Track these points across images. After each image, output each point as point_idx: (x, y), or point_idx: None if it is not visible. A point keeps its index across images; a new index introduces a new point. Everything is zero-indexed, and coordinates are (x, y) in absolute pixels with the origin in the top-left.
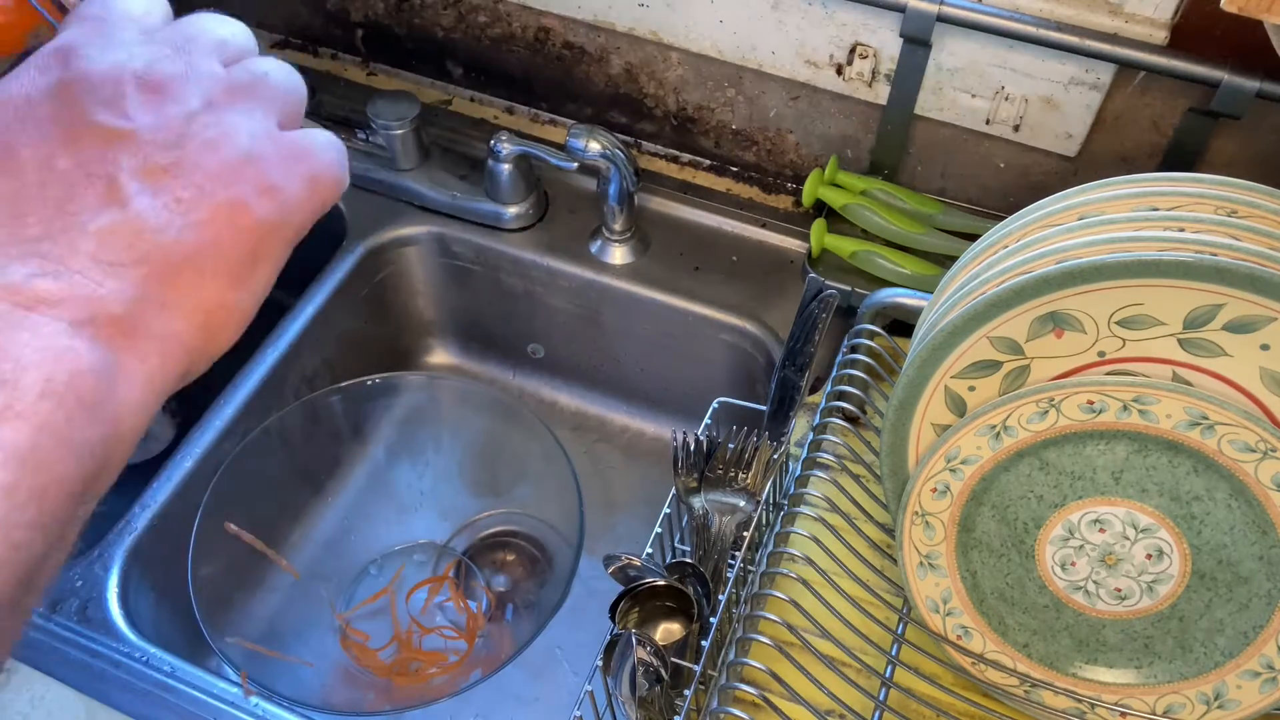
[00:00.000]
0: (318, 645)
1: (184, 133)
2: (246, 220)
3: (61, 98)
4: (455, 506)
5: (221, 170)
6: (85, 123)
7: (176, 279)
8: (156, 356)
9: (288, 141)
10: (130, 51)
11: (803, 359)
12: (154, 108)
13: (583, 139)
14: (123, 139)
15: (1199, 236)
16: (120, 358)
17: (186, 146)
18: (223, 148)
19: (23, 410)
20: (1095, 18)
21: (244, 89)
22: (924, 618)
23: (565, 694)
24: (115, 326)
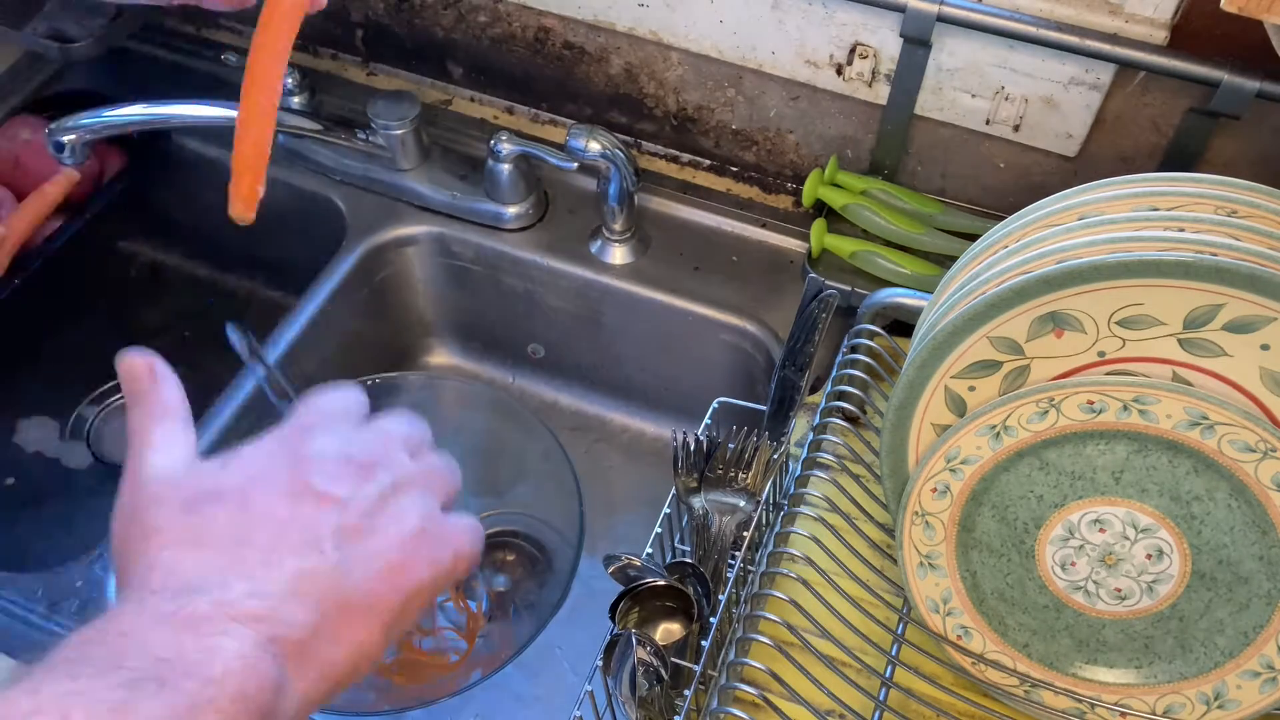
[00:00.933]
0: None
1: (378, 505)
2: (407, 581)
3: (294, 467)
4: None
5: (398, 540)
6: (307, 487)
7: (346, 618)
8: (314, 679)
9: (446, 524)
10: (347, 439)
11: (803, 359)
12: (359, 484)
13: (583, 139)
14: (333, 503)
15: (1199, 236)
16: (290, 676)
17: (377, 517)
18: (403, 522)
19: (221, 708)
20: (1095, 18)
21: (422, 477)
22: (924, 618)
23: (565, 694)
24: (294, 648)
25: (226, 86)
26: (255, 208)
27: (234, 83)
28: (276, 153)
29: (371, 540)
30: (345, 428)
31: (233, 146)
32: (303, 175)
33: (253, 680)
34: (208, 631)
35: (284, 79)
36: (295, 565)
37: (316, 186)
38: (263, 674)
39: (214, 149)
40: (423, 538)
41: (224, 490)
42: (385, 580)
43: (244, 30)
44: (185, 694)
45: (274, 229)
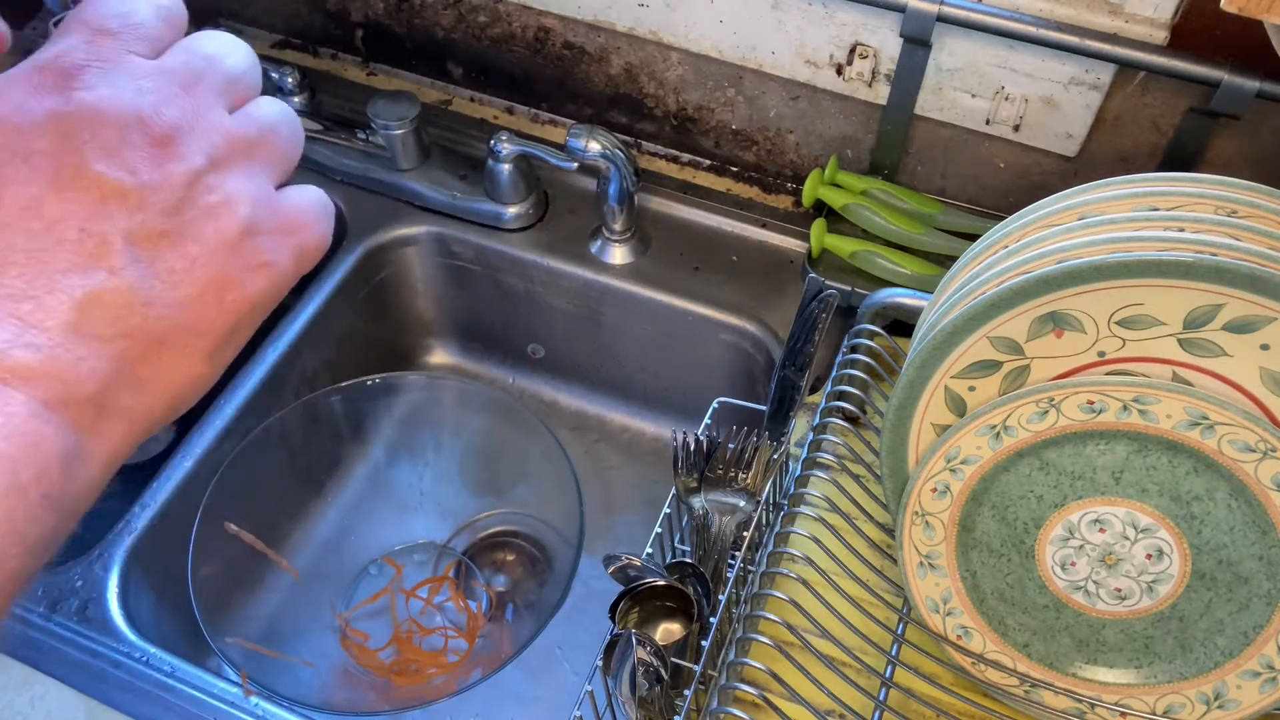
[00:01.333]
0: (318, 645)
1: (186, 195)
2: (235, 297)
3: (57, 133)
4: (455, 506)
5: (218, 243)
6: (82, 170)
7: (155, 356)
8: (119, 434)
9: (284, 210)
10: (138, 86)
11: (803, 359)
12: (158, 163)
13: (583, 139)
14: (122, 196)
15: (1199, 236)
16: (85, 439)
17: (186, 212)
18: (223, 216)
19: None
20: (1095, 18)
21: (249, 145)
22: (924, 618)
23: (565, 694)
24: (86, 406)
25: None
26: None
27: None
28: None
29: (182, 246)
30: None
31: None
32: (303, 175)
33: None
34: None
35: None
36: (77, 289)
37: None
38: (44, 452)
39: None
40: (253, 236)
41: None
42: (205, 300)
43: (244, 30)
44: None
45: None
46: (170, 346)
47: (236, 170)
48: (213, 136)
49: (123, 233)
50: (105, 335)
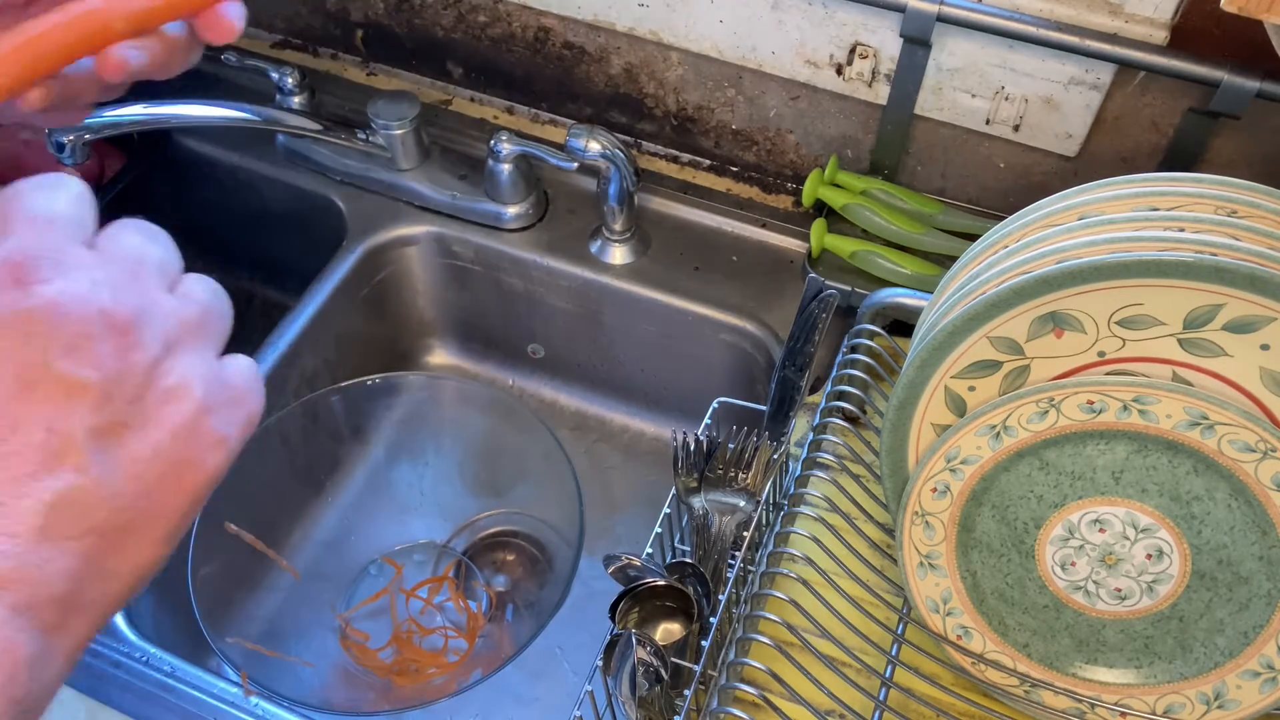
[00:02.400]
0: (318, 645)
1: (146, 383)
2: (194, 479)
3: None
4: (455, 506)
5: (178, 427)
6: (47, 368)
7: (121, 547)
8: (84, 627)
9: (230, 383)
10: (92, 277)
11: (803, 359)
12: (120, 355)
13: (583, 139)
14: (85, 392)
15: (1199, 236)
16: (52, 639)
17: (147, 399)
18: (181, 399)
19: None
20: (1095, 18)
21: (195, 325)
22: (924, 618)
23: (565, 694)
24: (54, 605)
25: (226, 86)
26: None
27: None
28: (276, 153)
29: (144, 434)
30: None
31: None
32: (303, 175)
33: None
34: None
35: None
36: (45, 492)
37: (316, 186)
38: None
39: (214, 149)
40: (208, 414)
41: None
42: (166, 485)
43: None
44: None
45: (274, 229)
46: (135, 534)
47: (187, 351)
48: (165, 322)
49: (88, 429)
50: (73, 534)
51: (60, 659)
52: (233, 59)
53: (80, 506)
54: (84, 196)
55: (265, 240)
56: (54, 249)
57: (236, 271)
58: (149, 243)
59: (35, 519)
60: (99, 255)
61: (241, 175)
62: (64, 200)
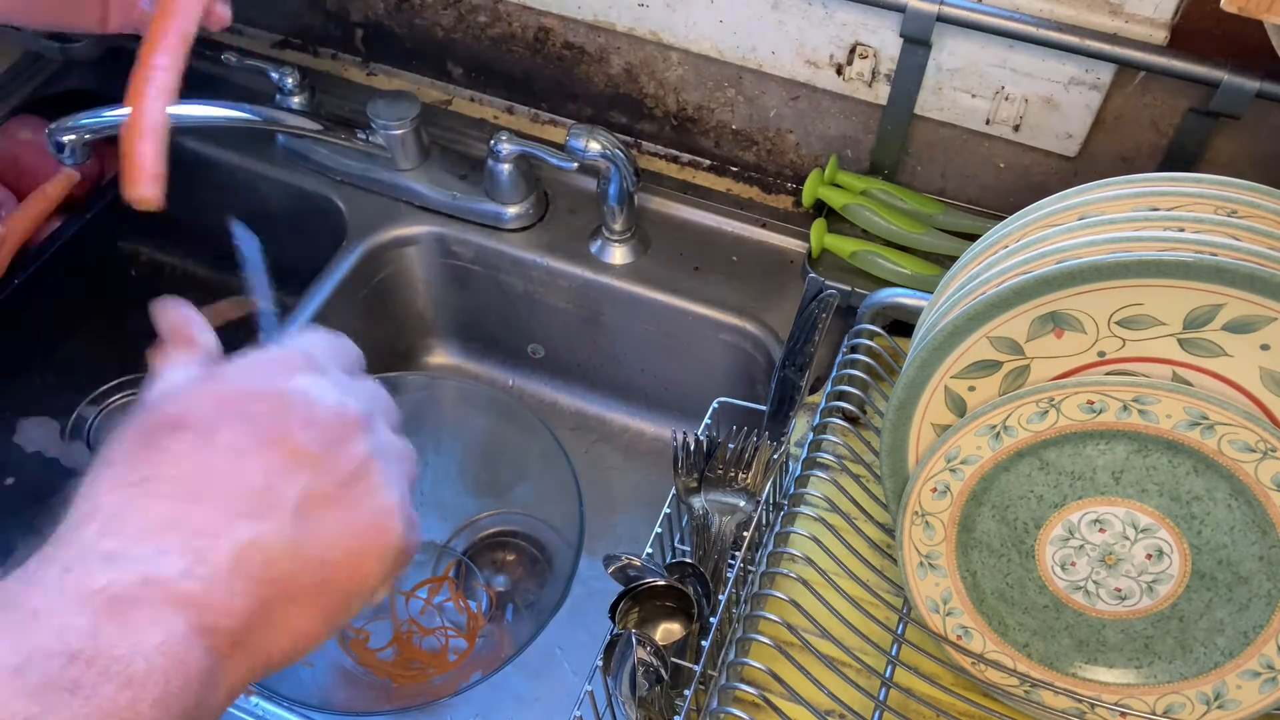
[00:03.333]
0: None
1: (356, 472)
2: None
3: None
4: (455, 506)
5: (371, 518)
6: (284, 435)
7: (292, 605)
8: (246, 669)
9: (411, 510)
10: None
11: (803, 359)
12: (343, 442)
13: (583, 139)
14: (309, 460)
15: (1199, 236)
16: (221, 666)
17: (354, 487)
18: (380, 495)
19: (139, 713)
20: (1095, 18)
21: (401, 456)
22: (924, 618)
23: (565, 694)
24: (228, 638)
25: (226, 86)
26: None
27: (234, 83)
28: (276, 153)
29: (341, 512)
30: (336, 374)
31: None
32: (303, 175)
33: (178, 678)
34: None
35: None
36: (246, 534)
37: (316, 186)
38: (190, 670)
39: (214, 149)
40: (393, 520)
41: (190, 420)
42: (343, 563)
43: (244, 30)
44: (100, 702)
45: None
46: (304, 599)
47: (393, 468)
48: (381, 437)
49: (299, 492)
50: (257, 578)
51: (223, 691)
52: (233, 59)
53: (269, 554)
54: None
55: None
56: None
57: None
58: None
59: (233, 554)
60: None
61: (241, 175)
62: (337, 340)
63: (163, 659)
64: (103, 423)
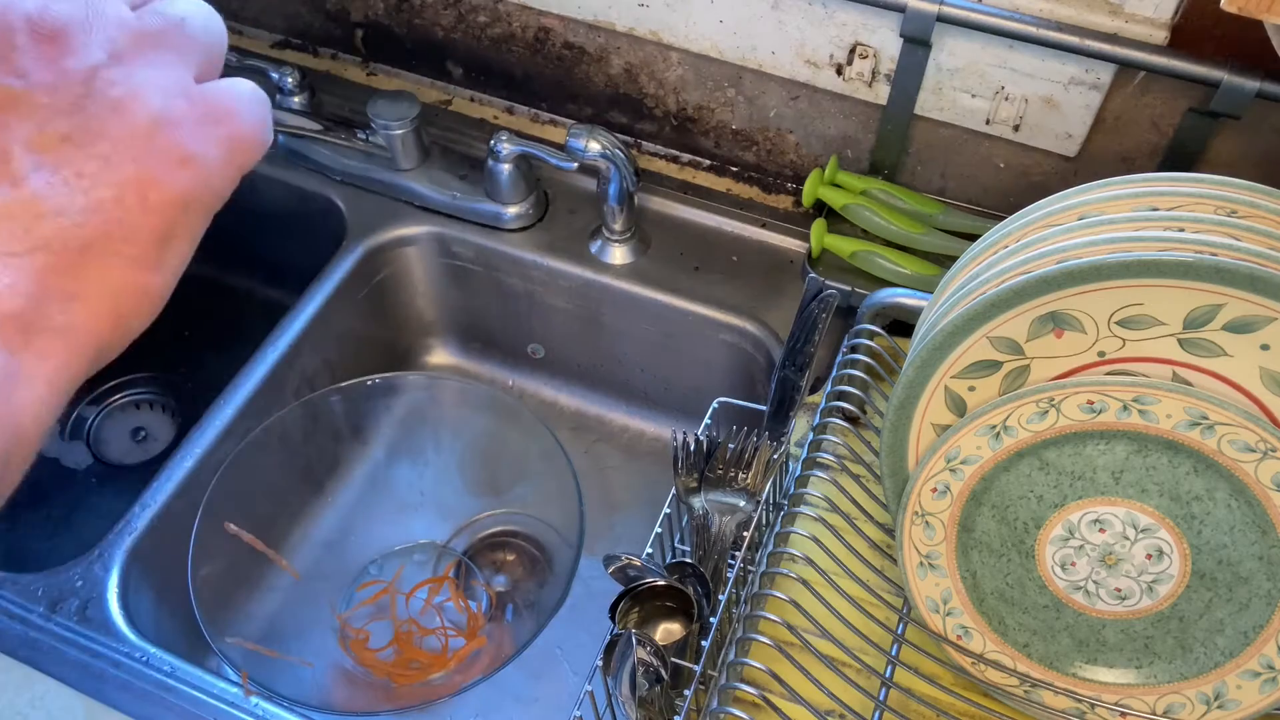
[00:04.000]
0: (318, 645)
1: (86, 92)
2: (159, 196)
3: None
4: (455, 506)
5: (129, 138)
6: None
7: (81, 266)
8: (61, 352)
9: (206, 99)
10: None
11: (803, 359)
12: (51, 61)
13: (583, 139)
14: (15, 102)
15: (1199, 236)
16: (20, 358)
17: (89, 109)
18: (131, 110)
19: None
20: (1095, 18)
21: (155, 37)
22: (924, 618)
23: (565, 694)
24: (13, 324)
25: None
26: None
27: None
28: (276, 153)
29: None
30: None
31: None
32: (303, 175)
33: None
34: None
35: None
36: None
37: (316, 186)
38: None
39: None
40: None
41: None
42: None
43: (244, 30)
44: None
45: (274, 229)
46: (95, 254)
47: (143, 62)
48: (110, 30)
49: (21, 141)
50: (18, 251)
51: (39, 382)
52: (233, 59)
53: (21, 220)
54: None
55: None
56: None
57: (236, 271)
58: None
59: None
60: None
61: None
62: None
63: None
64: (103, 422)
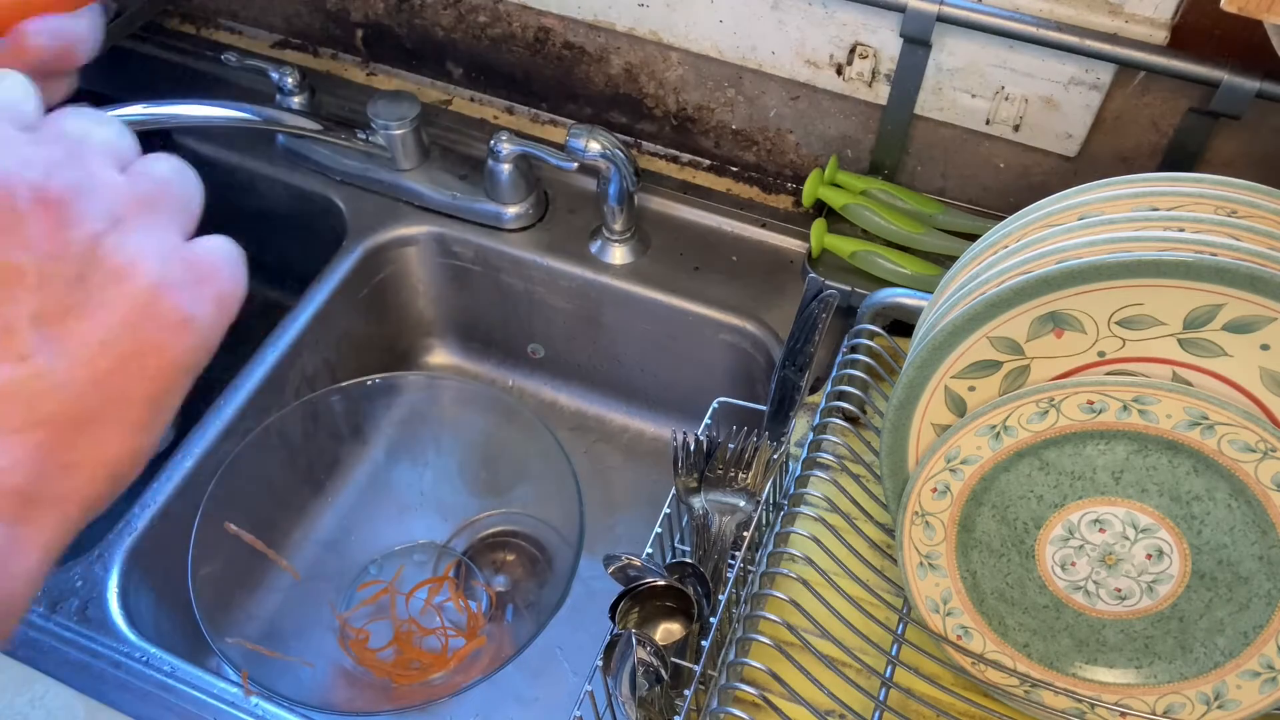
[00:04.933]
0: (318, 645)
1: (89, 261)
2: (159, 362)
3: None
4: (455, 506)
5: (131, 307)
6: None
7: (80, 438)
8: (55, 521)
9: (197, 258)
10: (21, 155)
11: (803, 359)
12: (55, 231)
13: (583, 139)
14: (21, 276)
15: (1199, 236)
16: (18, 530)
17: (92, 280)
18: (132, 277)
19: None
20: (1095, 18)
21: (147, 201)
22: (924, 618)
23: (565, 694)
24: (14, 498)
25: (226, 86)
26: None
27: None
28: (276, 152)
29: (91, 318)
30: (11, 136)
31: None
32: (303, 175)
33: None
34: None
35: None
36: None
37: (316, 186)
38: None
39: (214, 149)
40: (168, 292)
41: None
42: (126, 370)
43: (244, 31)
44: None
45: (274, 229)
46: (96, 425)
47: (138, 228)
48: (107, 197)
49: (27, 315)
50: (22, 428)
51: (34, 552)
52: (233, 59)
53: (26, 398)
54: (24, 85)
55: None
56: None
57: None
58: (95, 125)
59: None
60: (34, 136)
61: (241, 175)
62: (7, 76)
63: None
64: None
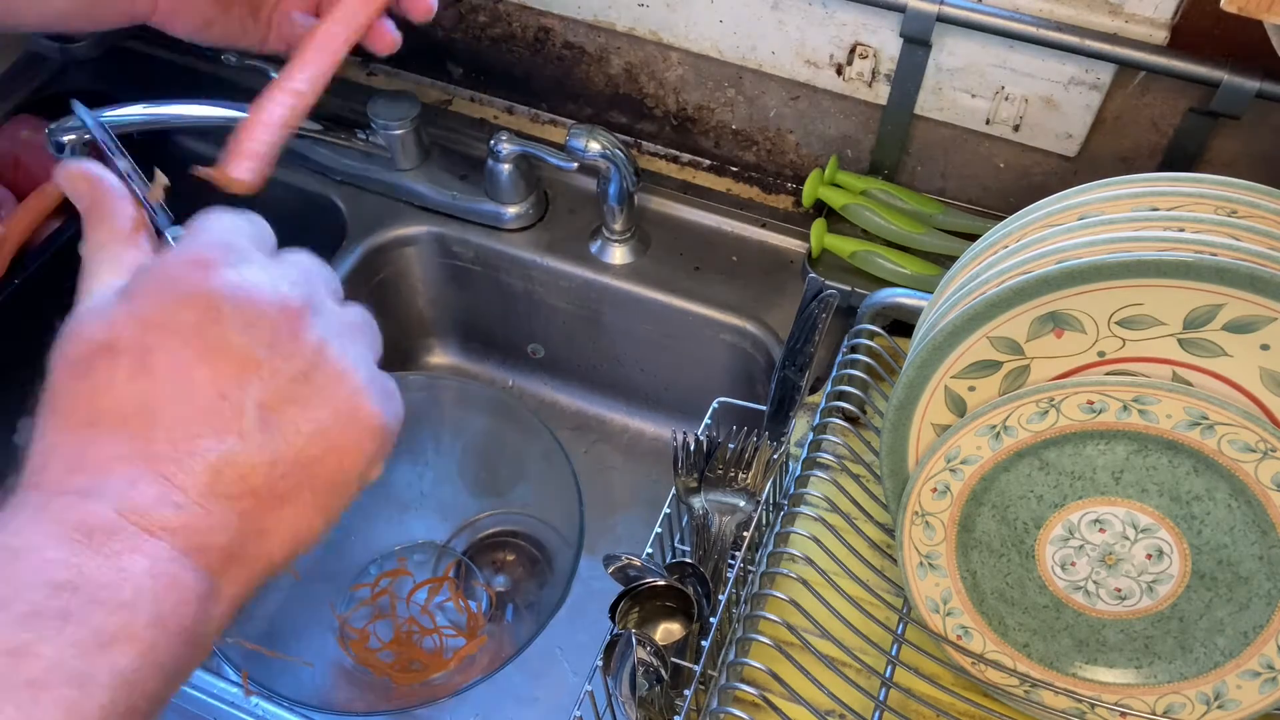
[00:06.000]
0: (318, 645)
1: (313, 363)
2: (354, 458)
3: (204, 308)
4: (455, 506)
5: (343, 407)
6: (224, 340)
7: (278, 510)
8: (245, 578)
9: (385, 381)
10: (269, 271)
11: (803, 359)
12: (290, 335)
13: (583, 139)
14: (258, 366)
15: (1199, 236)
16: (218, 581)
17: (314, 379)
18: (347, 382)
19: (135, 635)
20: (1095, 18)
21: (356, 326)
22: (924, 618)
23: (565, 694)
24: (217, 554)
25: (227, 86)
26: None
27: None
28: None
29: (308, 410)
30: (259, 257)
31: (223, 143)
32: (303, 175)
33: (170, 599)
34: (114, 548)
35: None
36: (212, 453)
37: (316, 186)
38: (183, 589)
39: (214, 149)
40: (370, 399)
41: (119, 344)
42: (325, 461)
43: None
44: (93, 627)
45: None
46: (291, 501)
47: (352, 345)
48: (331, 317)
49: (255, 399)
50: (233, 494)
51: (225, 603)
52: (233, 59)
53: (241, 469)
54: (264, 224)
55: None
56: (239, 248)
57: None
58: (318, 262)
59: (203, 476)
60: (277, 260)
61: None
62: (248, 220)
63: (152, 581)
64: None
